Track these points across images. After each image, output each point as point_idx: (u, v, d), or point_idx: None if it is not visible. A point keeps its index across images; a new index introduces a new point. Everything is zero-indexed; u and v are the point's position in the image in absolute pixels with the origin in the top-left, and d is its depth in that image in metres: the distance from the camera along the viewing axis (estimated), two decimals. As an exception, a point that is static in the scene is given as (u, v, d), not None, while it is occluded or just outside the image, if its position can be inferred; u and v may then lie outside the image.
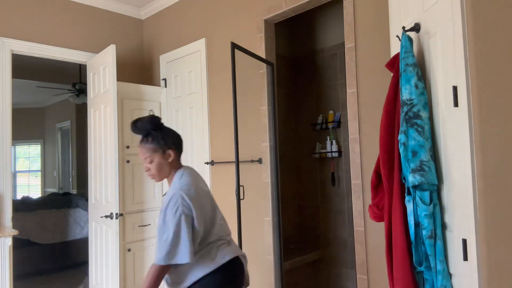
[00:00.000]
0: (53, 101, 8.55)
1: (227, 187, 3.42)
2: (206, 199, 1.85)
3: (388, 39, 2.28)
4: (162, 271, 1.72)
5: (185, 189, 1.76)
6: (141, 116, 1.88)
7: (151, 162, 1.84)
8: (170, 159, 1.86)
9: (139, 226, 3.82)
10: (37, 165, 9.09)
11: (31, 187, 9.09)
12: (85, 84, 5.24)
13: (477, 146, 1.34)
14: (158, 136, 1.83)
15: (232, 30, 3.41)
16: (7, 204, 3.33)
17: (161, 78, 4.13)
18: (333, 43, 4.05)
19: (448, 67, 1.48)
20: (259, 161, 3.13)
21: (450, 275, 1.53)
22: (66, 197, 5.76)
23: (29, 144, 9.08)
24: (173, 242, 1.67)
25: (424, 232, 1.53)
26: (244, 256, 1.97)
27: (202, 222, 1.77)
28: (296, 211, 4.27)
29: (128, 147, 3.80)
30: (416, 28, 1.74)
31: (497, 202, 1.30)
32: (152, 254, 3.92)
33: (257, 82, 3.18)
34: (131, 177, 3.81)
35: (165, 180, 4.00)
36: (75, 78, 6.27)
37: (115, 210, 3.29)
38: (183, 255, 1.68)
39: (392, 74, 1.81)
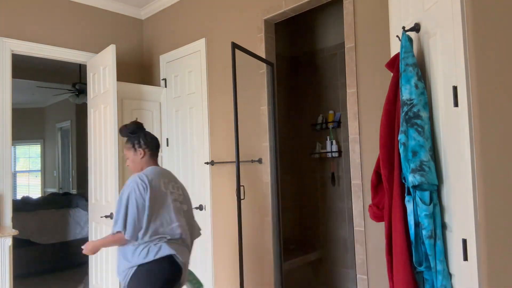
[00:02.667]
0: (53, 101, 8.55)
1: (227, 187, 3.42)
2: (159, 192, 2.15)
3: (388, 39, 2.28)
4: (117, 238, 2.12)
5: (142, 178, 2.13)
6: (133, 120, 2.35)
7: (128, 158, 2.31)
8: (141, 157, 2.27)
9: (139, 226, 3.82)
10: (37, 165, 9.09)
11: (31, 187, 9.09)
12: (85, 84, 5.23)
13: (477, 146, 1.34)
14: (132, 138, 2.28)
15: (232, 30, 3.41)
16: (7, 204, 3.33)
17: (161, 78, 4.13)
18: (333, 43, 4.05)
19: (448, 67, 1.48)
20: (259, 161, 3.13)
21: (450, 275, 1.53)
22: (66, 197, 5.76)
23: (29, 144, 9.08)
24: (119, 213, 2.08)
25: (424, 232, 1.53)
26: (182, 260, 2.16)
27: (143, 207, 2.07)
28: (296, 211, 4.27)
29: (128, 147, 3.79)
30: (416, 28, 1.74)
31: (497, 202, 1.30)
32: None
33: (257, 82, 3.18)
34: (131, 177, 3.81)
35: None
36: (75, 78, 6.27)
37: (115, 210, 3.29)
38: (118, 225, 2.06)
39: (392, 74, 1.81)
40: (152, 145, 2.29)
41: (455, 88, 1.42)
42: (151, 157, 2.30)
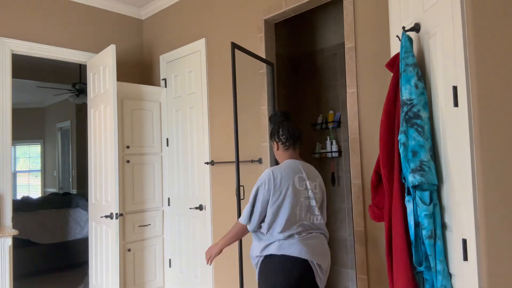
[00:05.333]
0: (53, 101, 8.55)
1: (227, 187, 3.42)
2: (288, 188, 2.02)
3: (388, 39, 2.28)
4: (238, 228, 2.08)
5: (275, 172, 2.03)
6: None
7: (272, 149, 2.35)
8: (276, 149, 2.21)
9: (139, 226, 3.83)
10: (37, 165, 9.09)
11: (31, 187, 9.09)
12: (85, 84, 5.24)
13: (477, 146, 1.34)
14: (271, 130, 2.24)
15: (232, 30, 3.41)
16: (7, 204, 3.33)
17: (161, 78, 4.14)
18: (333, 43, 4.05)
19: (448, 67, 1.48)
20: (259, 161, 3.13)
21: (450, 275, 1.53)
22: (66, 197, 5.76)
23: (29, 144, 9.08)
24: (246, 206, 2.04)
25: (424, 232, 1.53)
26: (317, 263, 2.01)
27: (273, 205, 1.99)
28: (296, 211, 4.26)
29: (128, 147, 3.80)
30: (416, 28, 1.74)
31: (497, 202, 1.30)
32: (152, 254, 3.93)
33: (257, 82, 3.18)
34: (131, 177, 3.81)
35: (165, 181, 4.02)
36: (75, 78, 6.27)
37: (115, 210, 3.29)
38: (243, 217, 2.03)
39: (392, 74, 1.81)
40: (285, 138, 2.15)
41: (455, 88, 1.42)
42: (286, 151, 2.17)
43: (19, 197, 8.12)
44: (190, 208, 3.73)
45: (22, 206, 5.16)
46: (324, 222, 2.13)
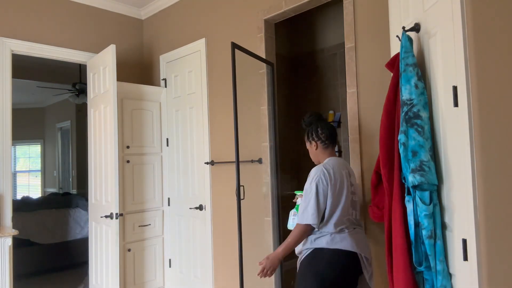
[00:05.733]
0: (53, 101, 8.55)
1: (227, 187, 3.42)
2: (341, 183, 2.07)
3: (388, 39, 2.27)
4: (301, 229, 2.04)
5: (326, 167, 2.07)
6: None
7: (308, 150, 2.33)
8: (315, 149, 2.25)
9: (139, 226, 3.83)
10: (37, 165, 9.09)
11: (31, 187, 9.09)
12: (85, 84, 5.24)
13: (477, 146, 1.34)
14: (307, 131, 2.30)
15: (232, 30, 3.41)
16: (7, 204, 3.33)
17: (161, 78, 4.14)
18: (333, 43, 4.05)
19: (448, 67, 1.48)
20: (259, 161, 3.13)
21: (450, 275, 1.53)
22: (66, 197, 5.76)
23: (29, 144, 9.08)
24: (305, 205, 2.04)
25: (424, 232, 1.53)
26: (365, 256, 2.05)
27: (330, 199, 2.03)
28: (296, 211, 4.26)
29: (128, 147, 3.80)
30: (416, 28, 1.74)
31: (497, 202, 1.30)
32: (152, 254, 3.93)
33: (257, 82, 3.18)
34: (131, 177, 3.81)
35: (165, 181, 4.02)
36: (75, 78, 6.27)
37: (115, 210, 3.29)
38: (308, 217, 2.00)
39: (392, 74, 1.81)
40: (323, 137, 2.21)
41: (455, 88, 1.42)
42: (326, 149, 2.22)
43: (19, 197, 8.11)
44: (190, 208, 3.73)
45: (22, 206, 5.16)
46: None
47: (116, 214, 3.29)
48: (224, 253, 3.43)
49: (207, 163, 3.55)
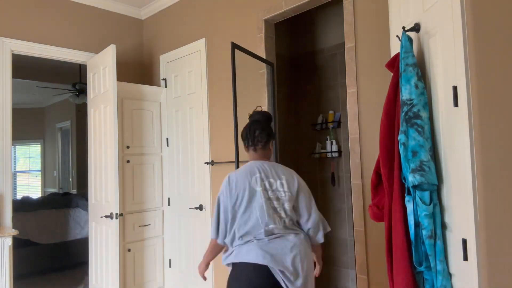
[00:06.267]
0: (53, 101, 8.55)
1: (227, 187, 3.42)
2: (244, 191, 1.94)
3: (388, 39, 2.28)
4: (210, 243, 2.04)
5: (231, 177, 1.99)
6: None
7: None
8: (246, 152, 2.13)
9: (139, 226, 3.83)
10: (37, 165, 9.09)
11: (31, 187, 9.09)
12: (85, 84, 5.24)
13: (477, 146, 1.34)
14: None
15: (232, 30, 3.41)
16: (7, 204, 3.33)
17: (161, 78, 4.14)
18: (333, 43, 4.05)
19: (448, 67, 1.48)
20: (259, 161, 3.13)
21: (450, 275, 1.53)
22: (66, 197, 5.76)
23: (29, 144, 9.08)
24: (213, 219, 2.00)
25: (424, 232, 1.53)
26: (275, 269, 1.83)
27: (231, 211, 1.95)
28: (296, 211, 4.26)
29: (128, 147, 3.80)
30: (416, 28, 1.74)
31: (497, 202, 1.30)
32: (152, 254, 3.93)
33: (257, 82, 3.18)
34: (131, 177, 3.81)
35: (165, 181, 4.02)
36: (75, 78, 6.27)
37: (115, 210, 3.29)
38: (212, 231, 1.99)
39: (392, 74, 1.81)
40: (248, 139, 2.08)
41: (455, 88, 1.42)
42: (252, 151, 2.08)
43: (19, 197, 8.11)
44: (190, 208, 3.73)
45: (22, 206, 5.16)
46: (303, 219, 1.99)
47: (116, 214, 3.29)
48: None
49: (207, 163, 3.55)
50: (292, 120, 4.32)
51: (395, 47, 1.97)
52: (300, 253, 1.88)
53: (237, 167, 2.61)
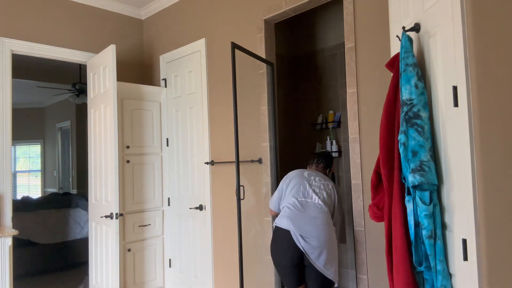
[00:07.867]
0: (53, 101, 8.55)
1: (227, 187, 3.42)
2: (294, 178, 2.68)
3: (388, 39, 2.28)
4: (270, 212, 2.87)
5: (289, 174, 2.77)
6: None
7: None
8: None
9: (139, 226, 3.83)
10: (37, 165, 9.09)
11: (31, 187, 9.09)
12: (85, 84, 5.24)
13: (477, 146, 1.34)
14: None
15: (232, 30, 3.41)
16: (7, 204, 3.33)
17: (161, 78, 4.14)
18: (333, 43, 4.05)
19: (448, 67, 1.48)
20: (259, 161, 3.13)
21: (450, 275, 1.53)
22: (66, 197, 5.76)
23: (29, 144, 9.08)
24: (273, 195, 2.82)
25: (424, 232, 1.53)
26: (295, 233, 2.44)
27: (281, 190, 2.71)
28: (296, 211, 4.25)
29: (128, 147, 3.80)
30: (416, 28, 1.74)
31: (497, 202, 1.30)
32: (152, 254, 3.93)
33: (257, 82, 3.18)
34: (131, 177, 3.81)
35: (165, 181, 4.02)
36: (75, 78, 6.27)
37: (115, 210, 3.29)
38: (270, 203, 2.80)
39: (392, 74, 1.81)
40: (315, 159, 2.86)
41: (455, 88, 1.42)
42: (314, 167, 2.84)
43: (19, 197, 8.11)
44: (190, 208, 3.73)
45: (22, 206, 5.16)
46: (326, 208, 2.52)
47: (116, 214, 3.29)
48: (224, 253, 3.43)
49: (207, 163, 3.55)
50: (292, 120, 4.32)
51: (395, 47, 1.97)
52: (319, 227, 2.42)
53: (237, 167, 2.61)
